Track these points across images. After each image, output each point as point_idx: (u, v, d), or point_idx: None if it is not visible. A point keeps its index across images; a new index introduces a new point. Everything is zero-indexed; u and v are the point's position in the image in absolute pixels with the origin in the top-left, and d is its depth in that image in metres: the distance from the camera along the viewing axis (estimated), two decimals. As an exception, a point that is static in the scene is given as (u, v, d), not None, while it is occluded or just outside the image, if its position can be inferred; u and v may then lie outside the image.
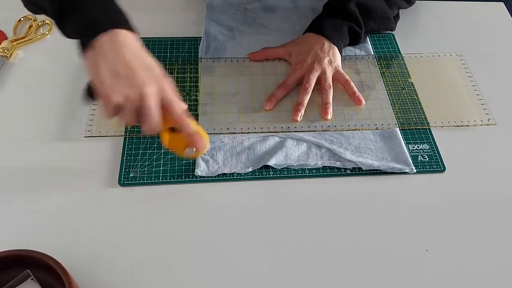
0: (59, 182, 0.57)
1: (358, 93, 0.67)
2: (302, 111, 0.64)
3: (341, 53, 0.69)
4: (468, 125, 0.66)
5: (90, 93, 0.51)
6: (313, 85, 0.66)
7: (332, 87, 0.66)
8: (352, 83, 0.67)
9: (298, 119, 0.64)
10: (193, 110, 0.65)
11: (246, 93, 0.67)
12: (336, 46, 0.68)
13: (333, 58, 0.68)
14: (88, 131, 0.61)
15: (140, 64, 0.48)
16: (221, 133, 0.62)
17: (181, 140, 0.52)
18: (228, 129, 0.63)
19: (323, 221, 0.56)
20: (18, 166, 0.58)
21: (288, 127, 0.63)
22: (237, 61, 0.72)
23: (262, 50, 0.71)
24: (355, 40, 0.72)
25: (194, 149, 0.52)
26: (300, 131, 0.63)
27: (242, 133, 0.62)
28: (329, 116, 0.64)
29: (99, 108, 0.58)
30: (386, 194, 0.58)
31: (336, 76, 0.67)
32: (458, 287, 0.52)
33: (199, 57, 0.71)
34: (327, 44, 0.68)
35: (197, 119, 0.64)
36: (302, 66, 0.67)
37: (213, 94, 0.67)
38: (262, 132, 0.63)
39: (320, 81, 0.66)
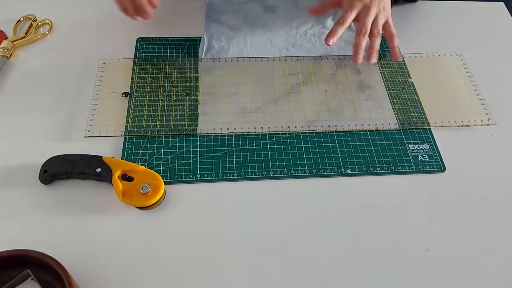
0: (59, 182, 0.57)
1: (398, 49, 0.68)
2: (362, 52, 0.65)
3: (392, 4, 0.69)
4: (468, 125, 0.66)
5: None
6: (369, 29, 0.66)
7: (380, 34, 0.66)
8: (396, 38, 0.67)
9: (372, 60, 0.66)
10: (193, 110, 0.65)
11: (246, 93, 0.67)
12: None
13: (386, 4, 0.67)
14: (88, 131, 0.61)
15: None
16: (220, 134, 0.62)
17: (134, 186, 0.54)
18: (228, 129, 0.63)
19: (323, 221, 0.56)
20: (18, 166, 0.58)
21: (288, 127, 0.63)
22: (237, 61, 0.72)
23: (317, 6, 0.71)
24: None
25: (150, 186, 0.54)
26: (301, 131, 0.63)
27: (242, 133, 0.62)
28: (374, 60, 0.66)
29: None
30: (386, 194, 0.58)
31: (385, 26, 0.68)
32: (458, 287, 0.52)
33: (199, 57, 0.71)
34: None
35: (197, 119, 0.64)
36: (356, 4, 0.66)
37: (213, 94, 0.67)
38: (262, 132, 0.63)
39: (371, 25, 0.66)
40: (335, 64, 0.72)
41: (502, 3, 0.86)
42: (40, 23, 0.75)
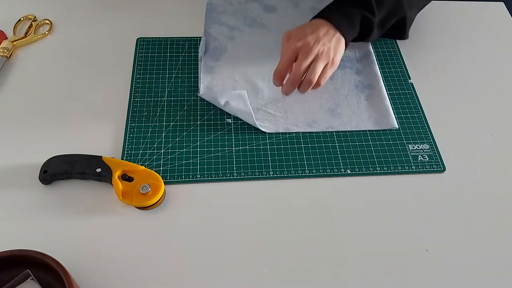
0: (59, 183, 0.57)
1: (303, 90, 0.61)
2: (282, 82, 0.61)
3: (347, 45, 0.62)
4: (468, 125, 0.66)
5: None
6: (301, 75, 0.59)
7: (312, 85, 0.59)
8: (316, 87, 0.60)
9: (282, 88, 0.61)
10: (193, 111, 0.65)
11: (246, 93, 0.67)
12: (344, 37, 0.61)
13: (333, 49, 0.60)
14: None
15: None
16: (220, 134, 0.62)
17: (134, 186, 0.54)
18: (228, 128, 0.63)
19: (323, 221, 0.56)
20: (18, 166, 0.58)
21: (288, 127, 0.63)
22: (237, 61, 0.71)
23: (276, 74, 0.62)
24: (366, 32, 0.65)
25: (150, 186, 0.54)
26: (301, 131, 0.63)
27: (243, 133, 0.62)
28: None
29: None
30: (386, 194, 0.58)
31: (323, 71, 0.60)
32: (458, 287, 0.52)
33: (199, 57, 0.71)
34: (332, 31, 0.60)
35: (197, 119, 0.64)
36: (298, 41, 0.59)
37: (213, 94, 0.66)
38: (262, 132, 0.63)
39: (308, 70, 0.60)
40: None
41: (502, 3, 0.86)
42: (40, 23, 0.75)
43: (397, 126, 0.65)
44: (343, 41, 0.61)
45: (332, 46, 0.60)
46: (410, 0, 0.66)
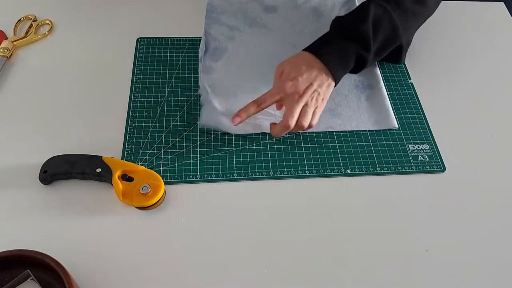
0: (59, 183, 0.57)
1: (294, 131, 0.61)
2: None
3: (336, 83, 0.61)
4: (468, 125, 0.66)
5: None
6: (295, 121, 0.57)
7: (304, 129, 0.59)
8: (305, 129, 0.58)
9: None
10: (193, 111, 0.65)
11: (247, 93, 0.67)
12: (334, 79, 0.60)
13: (323, 95, 0.59)
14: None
15: None
16: (220, 134, 0.62)
17: (134, 186, 0.54)
18: (228, 129, 0.63)
19: (323, 221, 0.56)
20: (18, 166, 0.58)
21: (288, 127, 0.63)
22: (237, 61, 0.71)
23: (255, 102, 0.59)
24: (359, 68, 0.63)
25: (150, 186, 0.54)
26: (301, 131, 0.63)
27: (243, 133, 0.62)
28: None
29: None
30: (386, 194, 0.58)
31: (313, 114, 0.59)
32: (458, 287, 0.52)
33: (199, 57, 0.71)
34: (325, 75, 0.59)
35: (197, 119, 0.64)
36: (285, 86, 0.58)
37: (213, 94, 0.66)
38: (262, 132, 0.63)
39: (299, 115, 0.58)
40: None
41: (502, 3, 0.86)
42: (40, 23, 0.75)
43: (397, 126, 0.65)
44: (333, 85, 0.60)
45: (322, 92, 0.59)
46: (405, 26, 0.63)
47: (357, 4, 0.79)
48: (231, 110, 0.62)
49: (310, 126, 0.59)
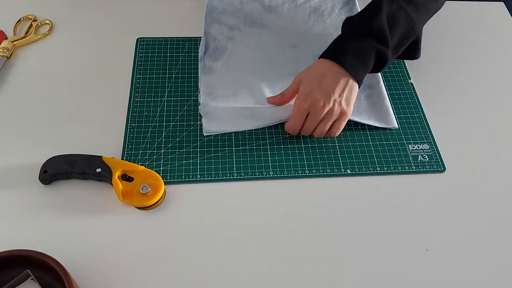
0: (59, 183, 0.57)
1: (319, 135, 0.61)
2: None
3: (360, 83, 0.59)
4: (468, 125, 0.66)
5: None
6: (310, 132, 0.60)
7: (323, 134, 0.60)
8: (331, 136, 0.61)
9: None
10: (193, 111, 0.65)
11: (247, 93, 0.67)
12: (356, 80, 0.58)
13: (345, 101, 0.58)
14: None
15: None
16: (220, 134, 0.62)
17: (134, 186, 0.54)
18: (228, 129, 0.63)
19: (323, 221, 0.56)
20: (18, 166, 0.58)
21: (288, 127, 0.63)
22: (237, 61, 0.71)
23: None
24: (380, 66, 0.60)
25: (150, 186, 0.54)
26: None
27: (243, 133, 0.62)
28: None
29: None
30: (386, 194, 0.58)
31: (333, 124, 0.59)
32: (458, 287, 0.52)
33: (199, 57, 0.71)
34: (346, 78, 0.57)
35: (197, 119, 0.64)
36: (306, 100, 0.57)
37: (213, 94, 0.66)
38: (262, 132, 0.63)
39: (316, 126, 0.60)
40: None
41: (502, 3, 0.86)
42: (40, 23, 0.75)
43: (397, 126, 0.65)
44: (356, 86, 0.58)
45: (345, 98, 0.57)
46: (419, 19, 0.61)
47: (357, 4, 0.80)
48: (231, 110, 0.62)
49: (333, 135, 0.61)
